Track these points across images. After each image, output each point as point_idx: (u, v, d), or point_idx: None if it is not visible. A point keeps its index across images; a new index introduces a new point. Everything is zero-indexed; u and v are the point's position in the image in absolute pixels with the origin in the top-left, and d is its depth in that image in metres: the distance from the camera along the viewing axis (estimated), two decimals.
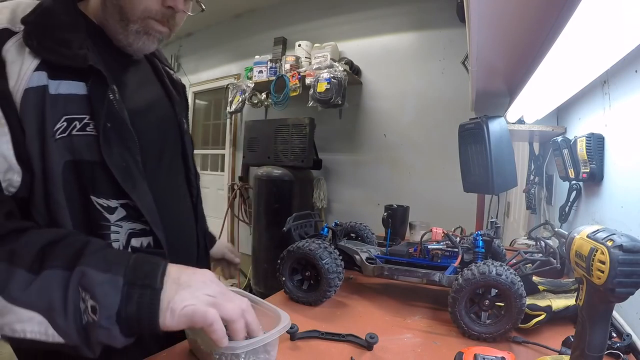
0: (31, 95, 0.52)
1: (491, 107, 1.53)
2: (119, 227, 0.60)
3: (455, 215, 1.90)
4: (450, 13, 2.24)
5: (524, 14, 0.69)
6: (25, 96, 0.52)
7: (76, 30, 0.59)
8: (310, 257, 0.77)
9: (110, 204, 0.59)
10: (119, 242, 0.60)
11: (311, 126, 2.54)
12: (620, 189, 0.87)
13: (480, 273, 0.65)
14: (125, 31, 0.64)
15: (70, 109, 0.55)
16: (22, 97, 0.52)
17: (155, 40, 0.67)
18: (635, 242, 0.39)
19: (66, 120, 0.55)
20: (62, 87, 0.55)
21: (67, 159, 0.55)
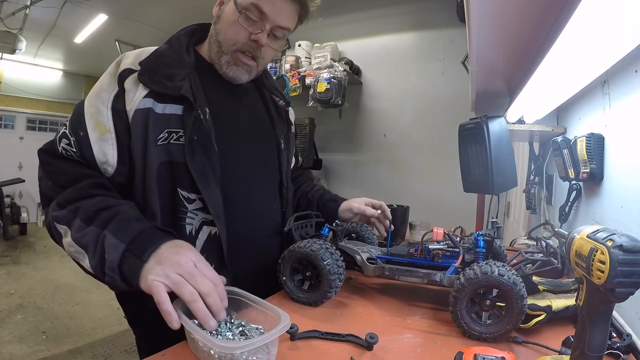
0: (139, 114, 0.74)
1: (491, 107, 1.53)
2: (195, 215, 0.78)
3: (455, 215, 1.90)
4: (450, 13, 2.24)
5: (524, 14, 0.69)
6: (135, 115, 0.74)
7: (181, 67, 0.79)
8: (311, 257, 0.77)
9: (190, 196, 0.77)
10: (192, 226, 0.78)
11: (311, 126, 2.54)
12: (620, 189, 0.87)
13: (483, 273, 0.65)
14: (220, 61, 0.83)
15: (171, 124, 0.76)
16: (133, 116, 0.74)
17: (244, 71, 0.85)
18: (635, 242, 0.39)
19: (167, 132, 0.75)
20: (167, 109, 0.76)
21: (163, 160, 0.75)
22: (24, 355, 2.26)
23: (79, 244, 0.66)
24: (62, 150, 0.75)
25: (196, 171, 0.75)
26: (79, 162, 0.75)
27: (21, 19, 3.89)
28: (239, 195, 0.85)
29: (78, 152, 0.74)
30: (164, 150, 0.75)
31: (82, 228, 0.67)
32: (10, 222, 5.21)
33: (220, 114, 0.82)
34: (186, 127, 0.75)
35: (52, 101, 6.54)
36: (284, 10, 0.80)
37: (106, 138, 0.74)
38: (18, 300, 3.10)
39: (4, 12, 3.79)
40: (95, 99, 0.76)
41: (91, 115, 0.75)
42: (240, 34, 0.80)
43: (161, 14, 3.89)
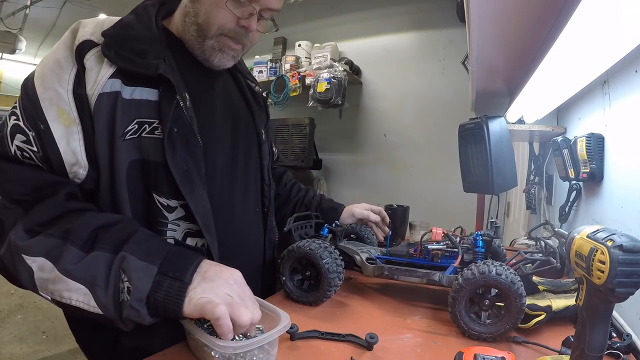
0: (104, 99, 0.59)
1: (491, 107, 1.53)
2: (176, 226, 0.65)
3: (455, 215, 1.90)
4: (450, 13, 2.24)
5: (524, 14, 0.69)
6: (98, 100, 0.59)
7: (153, 43, 0.64)
8: (310, 256, 0.77)
9: (170, 203, 0.64)
10: (175, 239, 0.64)
11: (311, 126, 2.54)
12: (620, 189, 0.87)
13: (480, 273, 0.65)
14: (202, 47, 0.71)
15: (142, 113, 0.61)
16: (96, 101, 0.59)
17: (229, 57, 0.74)
18: (635, 242, 0.39)
19: (137, 123, 0.61)
20: (136, 93, 0.61)
21: (134, 158, 0.61)
22: (24, 355, 2.26)
23: (74, 278, 0.52)
24: (17, 151, 0.58)
25: (178, 172, 0.61)
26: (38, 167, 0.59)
27: (21, 19, 3.90)
28: (223, 198, 0.73)
29: (40, 153, 0.58)
30: (134, 146, 0.61)
31: (80, 257, 0.53)
32: None
33: (198, 102, 0.70)
34: (164, 117, 0.61)
35: None
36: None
37: (72, 131, 0.58)
38: (18, 300, 3.09)
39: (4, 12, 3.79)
40: (51, 80, 0.59)
41: (50, 102, 0.58)
42: (228, 19, 0.68)
43: None
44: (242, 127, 0.82)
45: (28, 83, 0.61)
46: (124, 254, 0.53)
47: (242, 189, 0.80)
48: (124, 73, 0.61)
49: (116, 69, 0.60)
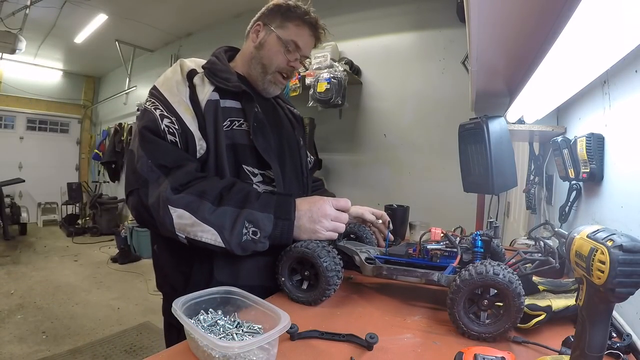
0: (210, 104, 0.89)
1: (491, 107, 1.53)
2: (258, 187, 0.91)
3: (456, 215, 1.90)
4: (450, 13, 2.24)
5: (524, 13, 0.69)
6: (207, 104, 0.89)
7: (231, 74, 0.95)
8: (308, 256, 0.77)
9: (254, 171, 0.92)
10: None
11: (311, 126, 2.54)
12: (620, 189, 0.87)
13: (478, 273, 0.65)
14: (263, 80, 1.01)
15: (232, 115, 0.91)
16: (205, 105, 0.88)
17: (278, 88, 1.05)
18: (635, 242, 0.39)
19: (229, 121, 0.90)
20: (227, 103, 0.92)
21: (229, 142, 0.89)
22: (24, 355, 2.26)
23: (209, 223, 0.78)
24: (165, 128, 0.85)
25: (263, 149, 0.90)
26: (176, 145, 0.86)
27: (21, 19, 3.89)
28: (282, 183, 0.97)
29: (180, 130, 0.85)
30: (229, 135, 0.90)
31: (213, 209, 0.79)
32: (10, 222, 5.21)
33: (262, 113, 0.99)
34: (249, 117, 0.91)
35: (52, 101, 6.55)
36: (310, 43, 1.05)
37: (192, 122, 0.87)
38: (18, 300, 3.09)
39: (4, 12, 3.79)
40: (176, 92, 0.89)
41: (178, 103, 0.87)
42: (283, 61, 0.99)
43: (161, 14, 3.89)
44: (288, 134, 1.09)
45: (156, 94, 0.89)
46: (250, 211, 0.80)
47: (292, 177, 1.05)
48: (220, 90, 0.91)
49: (215, 87, 0.91)
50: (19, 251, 4.63)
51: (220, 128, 0.88)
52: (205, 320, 0.63)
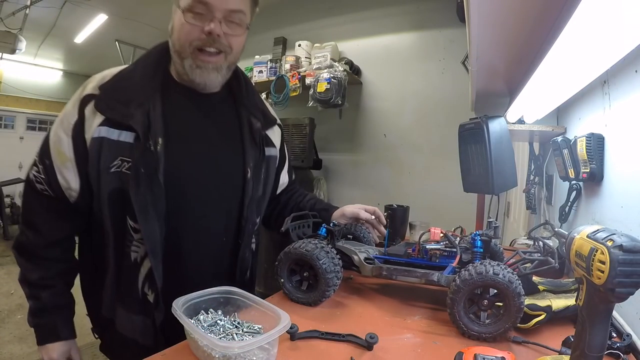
0: (94, 143, 0.75)
1: (491, 107, 1.53)
2: (140, 244, 0.78)
3: (455, 215, 1.90)
4: (450, 13, 2.23)
5: (524, 14, 0.69)
6: (91, 143, 0.75)
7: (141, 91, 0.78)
8: (307, 257, 0.77)
9: (136, 226, 0.76)
10: (138, 254, 0.78)
11: (311, 126, 2.53)
12: (620, 189, 0.87)
13: (478, 273, 0.65)
14: (183, 69, 0.80)
15: (124, 152, 0.75)
16: (90, 143, 0.75)
17: (211, 71, 0.81)
18: (635, 242, 0.39)
19: (120, 160, 0.75)
20: (122, 136, 0.75)
21: (116, 187, 0.76)
22: (23, 355, 2.26)
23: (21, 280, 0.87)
24: (33, 177, 0.81)
25: (138, 204, 0.75)
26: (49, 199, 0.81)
27: (21, 19, 3.89)
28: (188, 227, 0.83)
29: (46, 179, 0.80)
30: (116, 178, 0.76)
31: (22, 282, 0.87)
32: (10, 222, 5.21)
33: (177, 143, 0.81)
34: (133, 158, 0.75)
35: (52, 101, 6.54)
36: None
37: (67, 166, 0.78)
38: (18, 300, 3.09)
39: (4, 12, 3.79)
40: (59, 127, 0.79)
41: (54, 144, 0.79)
42: (193, 32, 0.76)
43: (161, 14, 3.88)
44: (229, 163, 0.89)
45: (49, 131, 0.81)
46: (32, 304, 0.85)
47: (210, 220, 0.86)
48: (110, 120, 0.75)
49: (104, 118, 0.75)
50: None
51: (102, 170, 0.75)
52: (205, 320, 0.63)
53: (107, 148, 0.75)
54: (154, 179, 0.76)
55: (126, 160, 0.75)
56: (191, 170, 0.83)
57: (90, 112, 0.76)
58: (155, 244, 0.77)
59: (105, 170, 0.75)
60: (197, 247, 0.85)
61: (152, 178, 0.75)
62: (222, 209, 0.88)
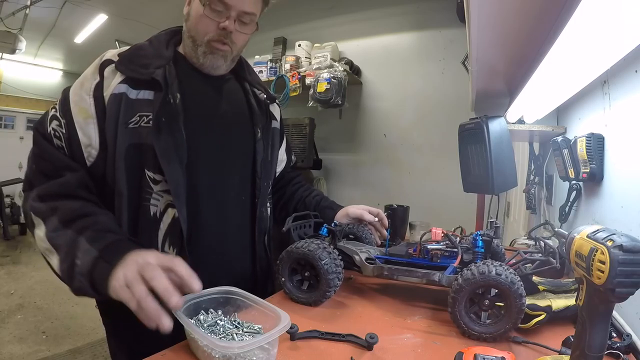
0: (113, 98, 0.78)
1: (491, 107, 1.53)
2: (160, 197, 0.80)
3: (455, 215, 1.90)
4: (450, 13, 2.23)
5: (524, 14, 0.69)
6: (110, 99, 0.78)
7: (157, 59, 0.83)
8: (309, 257, 0.77)
9: (156, 177, 0.79)
10: (157, 208, 0.80)
11: (311, 126, 2.53)
12: (620, 189, 0.87)
13: (480, 273, 0.65)
14: (196, 53, 0.88)
15: (143, 108, 0.79)
16: (108, 100, 0.78)
17: (219, 57, 0.89)
18: (635, 242, 0.39)
19: (139, 116, 0.79)
20: (140, 94, 0.80)
21: (133, 142, 0.78)
22: (23, 355, 2.26)
23: (51, 243, 0.70)
24: (52, 131, 0.79)
25: (160, 149, 0.77)
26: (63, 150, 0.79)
27: (21, 19, 3.90)
28: (205, 182, 0.87)
29: (67, 134, 0.78)
30: (135, 133, 0.78)
31: (58, 229, 0.70)
32: (10, 222, 5.21)
33: (194, 102, 0.87)
34: (154, 108, 0.78)
35: (52, 101, 6.41)
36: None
37: (88, 122, 0.79)
38: (18, 300, 3.09)
39: (4, 12, 3.79)
40: (80, 89, 0.80)
41: (75, 103, 0.79)
42: (210, 26, 0.85)
43: (161, 14, 3.88)
44: (239, 126, 0.96)
45: (66, 90, 0.83)
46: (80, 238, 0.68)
47: (229, 179, 0.92)
48: (131, 80, 0.80)
49: (124, 77, 0.79)
50: (19, 251, 4.62)
51: (121, 126, 0.78)
52: (205, 320, 0.63)
53: (126, 104, 0.78)
54: (174, 127, 0.80)
55: (145, 114, 0.79)
56: (205, 127, 0.89)
57: (110, 73, 0.80)
58: (178, 187, 0.79)
59: (123, 126, 0.78)
60: (216, 206, 0.88)
61: (173, 126, 0.80)
62: (237, 167, 0.93)
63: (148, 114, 0.78)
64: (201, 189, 0.85)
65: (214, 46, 0.86)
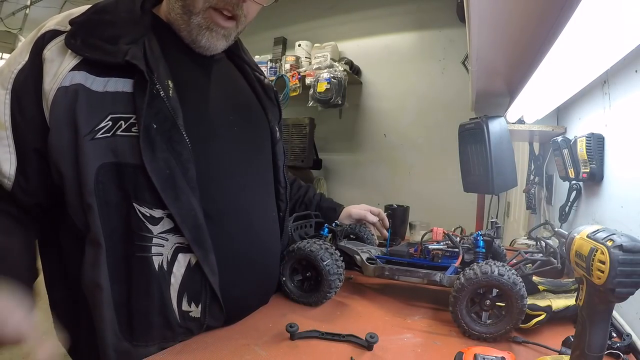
0: (62, 95, 0.52)
1: (491, 107, 1.53)
2: (164, 240, 0.55)
3: (455, 215, 1.90)
4: (450, 13, 2.24)
5: (524, 13, 0.69)
6: (57, 95, 0.52)
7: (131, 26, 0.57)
8: (311, 258, 0.77)
9: (154, 213, 0.54)
10: (163, 255, 0.56)
11: (311, 126, 2.53)
12: (620, 189, 0.87)
13: (483, 273, 0.65)
14: (188, 26, 0.61)
15: (117, 107, 0.53)
16: (54, 96, 0.52)
17: (219, 37, 0.64)
18: (635, 242, 0.39)
19: (111, 120, 0.53)
20: (110, 85, 0.54)
21: (106, 161, 0.53)
22: (24, 355, 2.26)
23: None
24: None
25: (159, 176, 0.53)
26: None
27: (21, 19, 3.89)
28: (228, 206, 0.63)
29: None
30: (107, 147, 0.52)
31: None
32: None
33: (187, 92, 0.61)
34: (139, 111, 0.53)
35: None
36: None
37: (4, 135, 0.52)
38: None
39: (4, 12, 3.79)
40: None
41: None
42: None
43: None
44: (253, 123, 0.73)
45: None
46: None
47: (254, 194, 0.69)
48: (92, 63, 0.53)
49: (81, 59, 0.53)
50: None
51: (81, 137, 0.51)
52: None
53: (86, 103, 0.52)
54: (173, 135, 0.55)
55: (122, 117, 0.53)
56: (215, 126, 0.64)
57: (55, 53, 0.53)
58: (197, 229, 0.56)
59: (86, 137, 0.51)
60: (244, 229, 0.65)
61: (171, 133, 0.55)
62: (259, 178, 0.71)
63: (127, 116, 0.53)
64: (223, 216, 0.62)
65: (215, 19, 0.61)
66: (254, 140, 0.72)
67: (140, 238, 0.55)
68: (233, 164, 0.66)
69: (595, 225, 0.44)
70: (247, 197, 0.67)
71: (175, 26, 0.63)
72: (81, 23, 0.55)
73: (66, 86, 0.52)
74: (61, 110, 0.52)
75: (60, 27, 0.55)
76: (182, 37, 0.64)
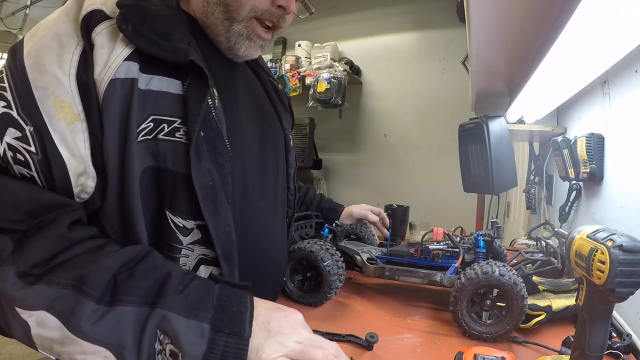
0: (118, 87, 0.46)
1: (491, 107, 1.53)
2: (189, 251, 0.53)
3: (455, 215, 1.90)
4: (450, 13, 2.24)
5: (524, 13, 0.69)
6: (109, 87, 0.46)
7: (177, 24, 0.54)
8: (311, 258, 0.77)
9: (187, 224, 0.52)
10: (186, 266, 0.54)
11: (311, 126, 2.54)
12: (620, 189, 0.87)
13: (483, 273, 0.65)
14: (228, 32, 0.59)
15: (160, 109, 0.49)
16: (107, 89, 0.46)
17: (257, 47, 0.62)
18: (635, 242, 0.39)
19: (153, 121, 0.49)
20: (153, 83, 0.50)
21: (148, 165, 0.49)
22: (23, 355, 2.26)
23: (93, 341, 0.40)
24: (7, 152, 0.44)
25: (202, 187, 0.50)
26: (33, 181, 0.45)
27: (21, 19, 3.89)
28: (251, 219, 0.62)
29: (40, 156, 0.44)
30: (147, 150, 0.49)
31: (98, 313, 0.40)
32: None
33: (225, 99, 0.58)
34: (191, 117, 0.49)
35: None
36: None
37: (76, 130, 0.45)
38: None
39: (4, 12, 3.79)
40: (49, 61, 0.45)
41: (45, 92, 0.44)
42: None
43: None
44: (270, 130, 0.71)
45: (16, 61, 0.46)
46: (163, 313, 0.41)
47: (271, 202, 0.69)
48: (143, 56, 0.48)
49: (134, 49, 0.48)
50: None
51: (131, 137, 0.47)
52: None
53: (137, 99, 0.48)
54: (218, 146, 0.52)
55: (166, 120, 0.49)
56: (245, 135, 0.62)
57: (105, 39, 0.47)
58: (229, 244, 0.54)
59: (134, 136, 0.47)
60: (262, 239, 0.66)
61: (216, 144, 0.52)
62: (276, 184, 0.70)
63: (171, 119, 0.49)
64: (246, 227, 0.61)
65: (256, 30, 0.59)
66: (272, 149, 0.70)
67: (169, 248, 0.52)
68: (256, 175, 0.65)
69: (595, 225, 0.44)
70: (265, 208, 0.67)
71: (213, 30, 0.60)
72: (130, 7, 0.49)
73: (122, 78, 0.46)
74: (116, 106, 0.46)
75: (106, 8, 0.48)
76: (218, 42, 0.61)
